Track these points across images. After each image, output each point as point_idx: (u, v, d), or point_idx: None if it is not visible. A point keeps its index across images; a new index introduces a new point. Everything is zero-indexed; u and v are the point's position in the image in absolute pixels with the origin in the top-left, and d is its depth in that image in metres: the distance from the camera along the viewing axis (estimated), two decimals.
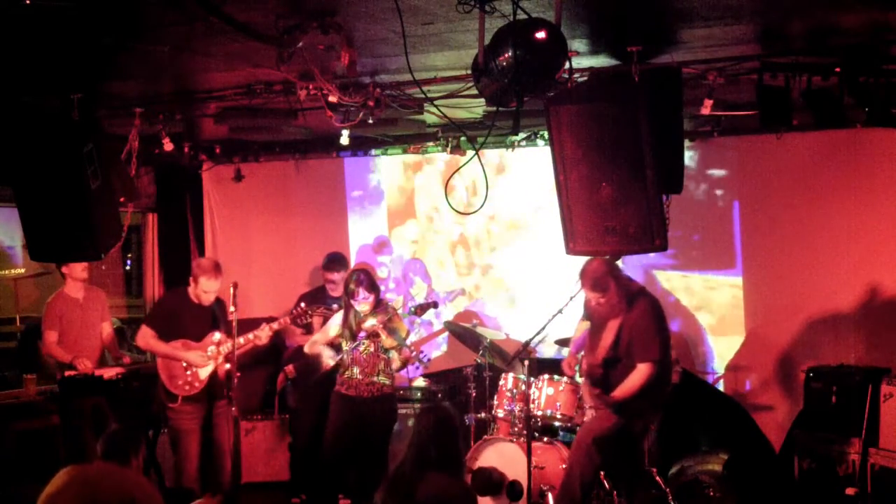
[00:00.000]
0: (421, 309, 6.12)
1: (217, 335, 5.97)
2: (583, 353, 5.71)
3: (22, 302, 8.29)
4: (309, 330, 6.76)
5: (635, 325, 5.21)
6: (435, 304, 6.33)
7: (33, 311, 7.90)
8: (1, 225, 8.67)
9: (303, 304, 6.26)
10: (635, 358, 5.19)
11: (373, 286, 5.77)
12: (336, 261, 6.98)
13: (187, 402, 5.91)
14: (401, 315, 5.85)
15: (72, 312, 6.47)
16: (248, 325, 6.16)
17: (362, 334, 5.73)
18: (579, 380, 5.80)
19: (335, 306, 6.51)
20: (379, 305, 5.78)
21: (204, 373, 5.90)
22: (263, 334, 6.01)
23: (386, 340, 5.65)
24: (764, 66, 4.79)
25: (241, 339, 5.90)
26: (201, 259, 6.71)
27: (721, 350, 6.93)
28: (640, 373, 5.16)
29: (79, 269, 6.48)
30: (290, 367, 6.97)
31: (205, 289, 5.92)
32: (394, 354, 5.73)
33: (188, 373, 5.90)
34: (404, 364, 5.79)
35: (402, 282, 7.90)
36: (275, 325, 6.09)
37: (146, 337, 5.98)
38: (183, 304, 6.03)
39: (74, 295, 6.52)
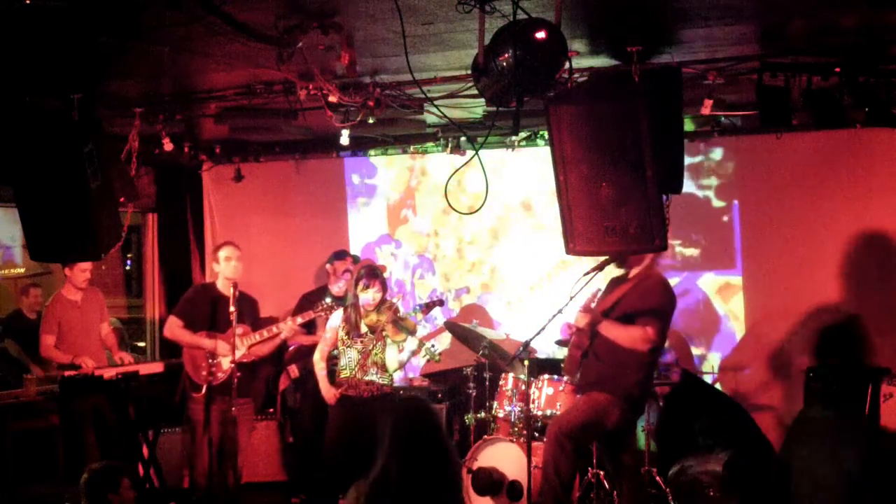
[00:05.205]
0: (427, 307, 6.10)
1: (240, 329, 5.95)
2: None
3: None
4: (311, 330, 6.76)
5: (648, 290, 5.00)
6: (441, 303, 6.36)
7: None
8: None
9: (327, 300, 6.25)
10: (636, 319, 4.93)
11: (384, 283, 5.81)
12: (347, 252, 7.05)
13: (207, 395, 5.96)
14: (406, 314, 5.85)
15: (70, 314, 6.47)
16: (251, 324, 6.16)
17: (364, 331, 5.73)
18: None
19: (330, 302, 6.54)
20: (383, 304, 5.79)
21: (227, 363, 5.92)
22: (286, 328, 6.05)
23: (394, 336, 5.66)
24: (764, 66, 4.79)
25: (265, 332, 5.99)
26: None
27: (721, 350, 6.93)
28: (634, 329, 4.88)
29: (81, 279, 6.47)
30: (293, 367, 6.97)
31: (227, 256, 6.09)
32: (392, 351, 5.71)
33: (212, 363, 5.97)
34: (411, 355, 5.79)
35: (405, 281, 7.90)
36: (299, 319, 6.12)
37: (172, 327, 6.10)
38: (210, 296, 6.13)
39: (72, 297, 6.51)
